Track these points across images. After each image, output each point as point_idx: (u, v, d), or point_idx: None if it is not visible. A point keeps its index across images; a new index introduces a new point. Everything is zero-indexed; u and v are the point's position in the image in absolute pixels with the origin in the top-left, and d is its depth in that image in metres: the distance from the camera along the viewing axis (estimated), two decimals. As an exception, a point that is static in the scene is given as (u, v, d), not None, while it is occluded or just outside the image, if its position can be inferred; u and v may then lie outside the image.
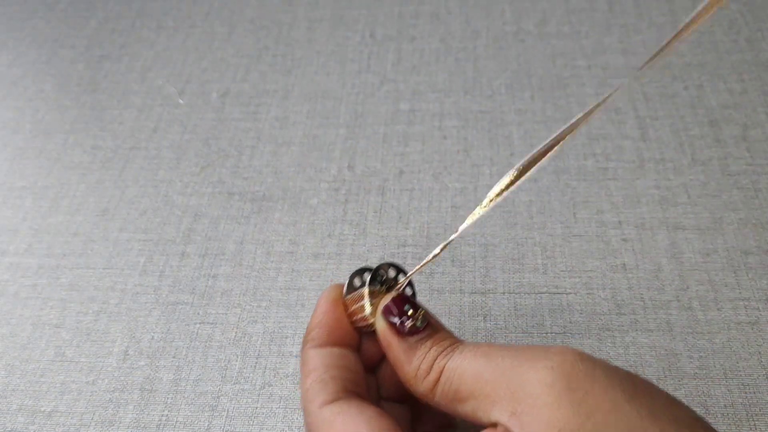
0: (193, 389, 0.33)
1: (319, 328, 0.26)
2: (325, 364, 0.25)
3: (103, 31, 0.57)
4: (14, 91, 0.52)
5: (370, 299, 0.26)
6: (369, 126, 0.46)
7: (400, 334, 0.24)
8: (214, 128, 0.47)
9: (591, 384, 0.20)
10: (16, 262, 0.40)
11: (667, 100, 0.45)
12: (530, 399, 0.20)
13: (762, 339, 0.33)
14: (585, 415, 0.19)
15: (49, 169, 0.46)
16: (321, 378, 0.24)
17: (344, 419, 0.23)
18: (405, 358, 0.24)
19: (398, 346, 0.24)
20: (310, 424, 0.24)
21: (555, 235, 0.38)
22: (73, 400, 0.34)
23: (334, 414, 0.23)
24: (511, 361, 0.21)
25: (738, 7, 0.51)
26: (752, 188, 0.39)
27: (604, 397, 0.19)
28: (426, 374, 0.23)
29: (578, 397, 0.19)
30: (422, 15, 0.54)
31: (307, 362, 0.25)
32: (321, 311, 0.27)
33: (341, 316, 0.27)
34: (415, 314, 0.25)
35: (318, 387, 0.24)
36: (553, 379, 0.20)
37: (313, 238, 0.40)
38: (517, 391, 0.20)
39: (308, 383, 0.24)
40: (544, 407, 0.19)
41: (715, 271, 0.36)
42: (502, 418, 0.20)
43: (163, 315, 0.37)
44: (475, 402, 0.22)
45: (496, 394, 0.21)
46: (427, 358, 0.24)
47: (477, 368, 0.22)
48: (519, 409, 0.20)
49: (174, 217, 0.42)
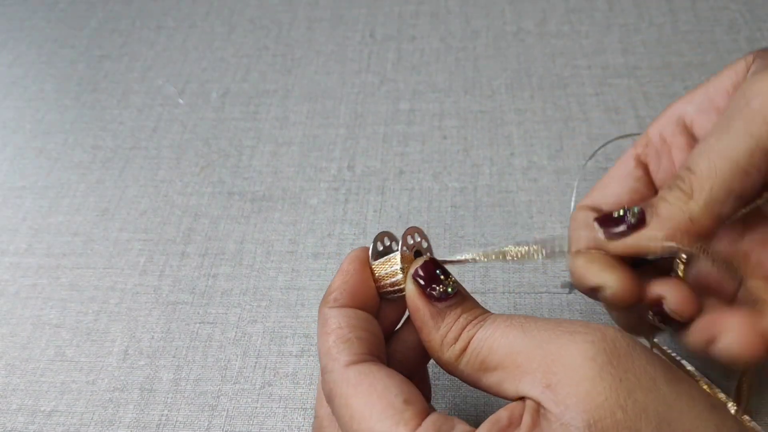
0: (193, 389, 0.33)
1: (342, 289, 0.25)
2: (350, 324, 0.24)
3: (103, 31, 0.57)
4: (14, 91, 0.52)
5: (402, 265, 0.25)
6: (369, 126, 0.46)
7: (429, 299, 0.24)
8: (214, 128, 0.47)
9: (632, 362, 0.19)
10: (16, 262, 0.40)
11: (667, 100, 0.45)
12: (570, 371, 0.19)
13: (762, 338, 0.33)
14: (626, 392, 0.19)
15: (49, 169, 0.46)
16: (346, 337, 0.23)
17: (372, 381, 0.22)
18: (433, 324, 0.23)
19: (427, 311, 0.23)
20: (331, 382, 0.23)
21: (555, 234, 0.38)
22: (73, 400, 0.34)
23: (361, 375, 0.22)
24: (548, 334, 0.21)
25: (738, 7, 0.51)
26: (752, 188, 0.39)
27: (645, 376, 0.19)
28: (453, 342, 0.23)
29: (619, 374, 0.19)
30: (422, 15, 0.54)
31: (328, 321, 0.24)
32: (347, 270, 0.26)
33: (368, 279, 0.26)
34: (446, 280, 0.24)
35: (343, 346, 0.23)
36: (594, 353, 0.19)
37: (313, 238, 0.40)
38: (554, 363, 0.20)
39: (331, 341, 0.23)
40: (585, 380, 0.19)
41: (715, 271, 0.36)
42: (534, 391, 0.20)
43: (163, 315, 0.37)
44: (504, 373, 0.21)
45: (528, 366, 0.20)
46: (455, 326, 0.23)
47: (510, 339, 0.21)
48: (555, 380, 0.19)
49: (174, 216, 0.42)
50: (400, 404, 0.21)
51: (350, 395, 0.22)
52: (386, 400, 0.21)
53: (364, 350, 0.23)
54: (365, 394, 0.21)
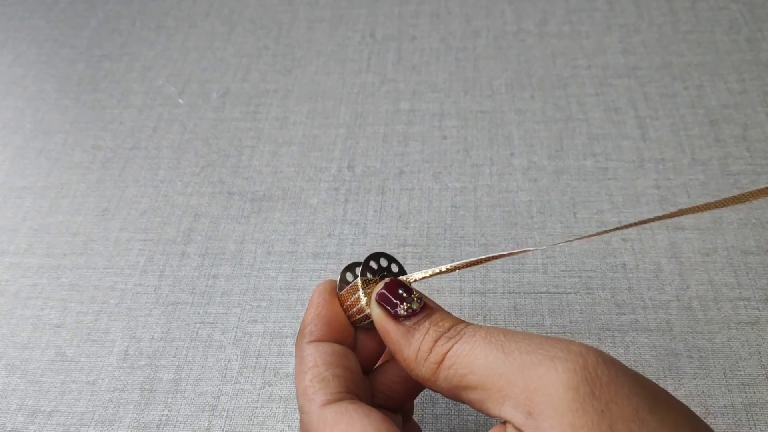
0: (193, 389, 0.33)
1: (315, 321, 0.25)
2: (325, 361, 0.24)
3: (103, 31, 0.57)
4: (14, 91, 0.52)
5: (364, 289, 0.25)
6: (369, 126, 0.46)
7: (396, 319, 0.23)
8: (214, 128, 0.47)
9: (615, 391, 0.19)
10: (17, 262, 0.40)
11: (667, 100, 0.45)
12: (552, 401, 0.19)
13: (762, 339, 0.33)
14: (608, 424, 0.18)
15: (49, 169, 0.46)
16: (322, 375, 0.23)
17: (349, 421, 0.21)
18: (404, 342, 0.23)
19: (396, 331, 0.23)
20: (307, 423, 0.23)
21: (555, 234, 0.38)
22: (74, 400, 0.34)
23: (338, 415, 0.22)
24: (530, 358, 0.20)
25: (738, 7, 0.51)
26: (752, 188, 0.39)
27: (628, 407, 0.19)
28: (426, 355, 0.22)
29: (601, 406, 0.19)
30: (422, 15, 0.54)
31: (304, 358, 0.24)
32: (316, 304, 0.26)
33: (337, 310, 0.26)
34: (409, 296, 0.24)
35: (318, 385, 0.23)
36: (577, 383, 0.19)
37: (313, 238, 0.40)
38: (536, 392, 0.19)
39: (307, 380, 0.23)
40: (567, 412, 0.19)
41: (715, 271, 0.36)
42: (516, 418, 0.20)
43: (164, 315, 0.37)
44: (485, 393, 0.21)
45: (510, 391, 0.20)
46: (426, 339, 0.23)
47: (490, 360, 0.21)
48: (537, 410, 0.19)
49: (174, 216, 0.42)
50: None
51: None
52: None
53: (340, 388, 0.23)
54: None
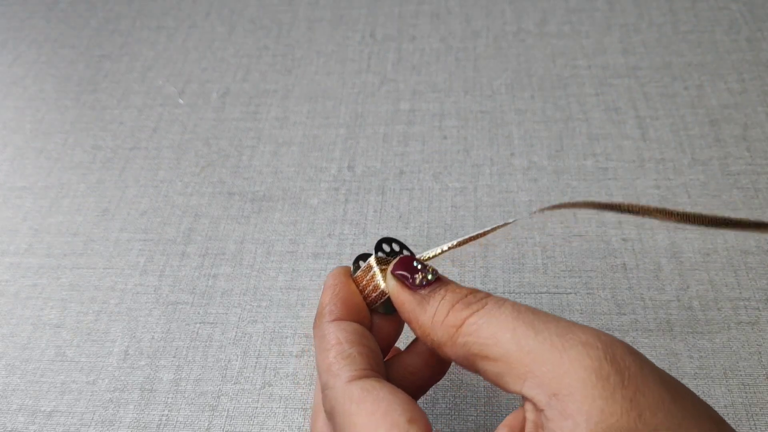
0: (194, 389, 0.33)
1: (335, 301, 0.25)
2: (348, 339, 0.24)
3: (103, 31, 0.57)
4: (14, 91, 0.52)
5: (379, 266, 0.26)
6: (369, 126, 0.46)
7: (411, 288, 0.24)
8: (214, 128, 0.47)
9: (642, 382, 0.19)
10: (17, 262, 0.40)
11: (667, 100, 0.45)
12: (582, 386, 0.19)
13: (762, 339, 0.33)
14: (636, 413, 0.19)
15: (49, 169, 0.46)
16: (346, 353, 0.23)
17: (376, 398, 0.21)
18: (419, 309, 0.23)
19: (412, 300, 0.23)
20: (332, 399, 0.22)
21: (555, 234, 0.38)
22: (74, 400, 0.34)
23: (364, 391, 0.22)
24: (561, 341, 0.20)
25: (738, 7, 0.51)
26: (752, 188, 0.39)
27: (654, 397, 0.19)
28: (443, 318, 0.22)
29: (630, 395, 0.19)
30: (422, 15, 0.54)
31: (326, 337, 0.24)
32: (333, 285, 0.26)
33: (354, 291, 0.26)
34: (424, 269, 0.24)
35: (344, 362, 0.23)
36: (608, 373, 0.19)
37: (313, 238, 0.40)
38: (566, 375, 0.19)
39: (331, 357, 0.23)
40: (598, 398, 0.19)
41: (715, 271, 0.36)
42: (539, 397, 0.20)
43: (164, 315, 0.37)
44: (507, 367, 0.21)
45: (537, 369, 0.20)
46: (443, 303, 0.23)
47: (518, 335, 0.21)
48: (565, 392, 0.19)
49: (174, 217, 0.42)
50: (404, 423, 0.20)
51: (353, 413, 0.21)
52: (390, 418, 0.21)
53: (365, 365, 0.23)
54: (369, 412, 0.21)
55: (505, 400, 0.32)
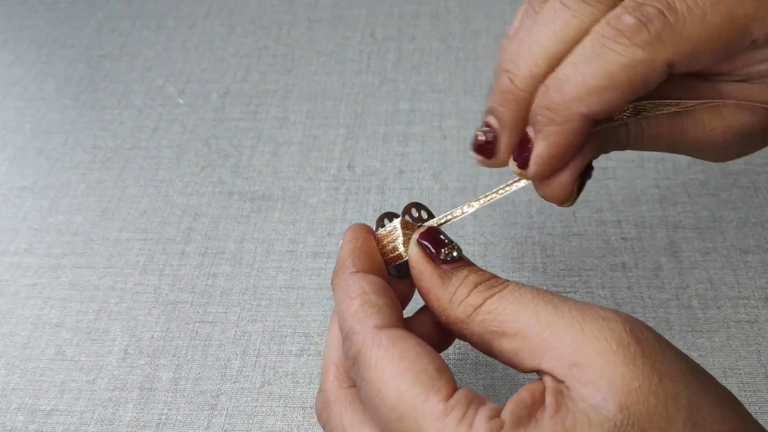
0: (193, 388, 0.33)
1: (357, 254, 0.24)
2: (374, 290, 0.23)
3: (103, 31, 0.57)
4: (14, 91, 0.52)
5: (404, 230, 0.25)
6: (369, 126, 0.46)
7: (434, 261, 0.23)
8: (214, 128, 0.47)
9: (661, 352, 0.20)
10: (17, 262, 0.40)
11: (667, 100, 0.45)
12: (603, 354, 0.19)
13: (761, 337, 0.33)
14: (658, 380, 0.19)
15: (49, 169, 0.46)
16: (373, 302, 0.22)
17: (404, 347, 0.21)
18: (439, 284, 0.23)
19: (432, 273, 0.23)
20: (358, 344, 0.22)
21: (554, 234, 0.38)
22: (73, 399, 0.34)
23: (393, 339, 0.21)
24: (581, 314, 0.20)
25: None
26: (751, 187, 0.40)
27: (673, 366, 0.19)
28: (464, 298, 0.22)
29: (650, 363, 0.19)
30: (422, 15, 0.55)
31: (349, 287, 0.23)
32: (353, 239, 0.25)
33: (375, 246, 0.25)
34: (450, 244, 0.24)
35: (371, 310, 0.22)
36: (629, 342, 0.19)
37: (312, 237, 0.40)
38: (586, 344, 0.20)
39: (357, 305, 0.22)
40: (620, 365, 0.19)
41: (714, 270, 0.36)
42: (558, 368, 0.20)
43: (163, 314, 0.37)
44: (524, 342, 0.21)
45: (555, 342, 0.20)
46: (465, 283, 0.22)
47: (539, 311, 0.21)
48: (586, 361, 0.19)
49: (174, 216, 0.42)
50: (432, 372, 0.20)
51: (381, 357, 0.21)
52: (419, 366, 0.20)
53: (392, 317, 0.22)
54: (397, 359, 0.21)
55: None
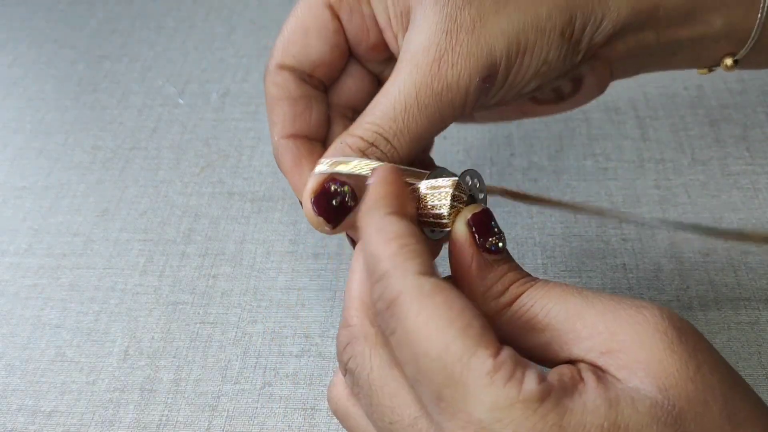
0: (194, 389, 0.33)
1: (392, 196, 0.22)
2: (412, 234, 0.21)
3: (103, 31, 0.57)
4: (14, 91, 0.52)
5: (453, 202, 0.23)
6: (369, 126, 0.46)
7: (480, 247, 0.22)
8: (214, 128, 0.47)
9: (698, 340, 0.19)
10: (17, 262, 0.40)
11: (667, 100, 0.45)
12: (639, 339, 0.19)
13: (762, 339, 0.33)
14: (695, 367, 0.18)
15: (49, 169, 0.46)
16: (412, 247, 0.20)
17: (449, 297, 0.19)
18: (477, 273, 0.22)
19: (475, 260, 0.22)
20: (396, 289, 0.20)
21: (555, 234, 0.38)
22: (74, 400, 0.34)
23: (436, 288, 0.19)
24: (614, 304, 0.20)
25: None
26: (752, 188, 0.40)
27: (709, 356, 0.19)
28: (498, 296, 0.22)
29: (689, 350, 0.19)
30: (422, 15, 0.54)
31: (385, 227, 0.21)
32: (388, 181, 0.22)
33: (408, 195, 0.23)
34: (499, 234, 0.22)
35: (411, 254, 0.20)
36: (665, 328, 0.19)
37: (313, 238, 0.40)
38: (620, 331, 0.19)
39: (394, 247, 0.20)
40: (657, 350, 0.19)
41: (714, 271, 0.36)
42: (591, 355, 0.19)
43: (164, 315, 0.37)
44: (556, 334, 0.20)
45: (588, 331, 0.20)
46: (504, 279, 0.22)
47: (569, 302, 0.21)
48: (619, 347, 0.19)
49: (174, 217, 0.42)
50: (479, 326, 0.19)
51: (424, 305, 0.19)
52: (466, 319, 0.19)
53: (433, 264, 0.21)
54: (443, 308, 0.19)
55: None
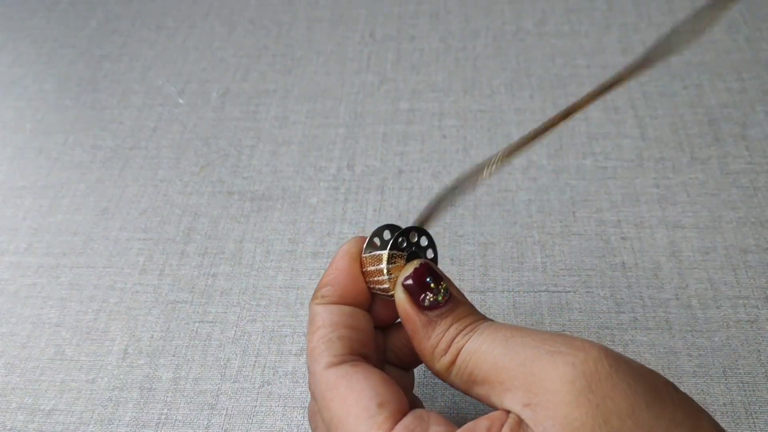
0: (193, 388, 0.33)
1: (331, 285, 0.25)
2: (333, 323, 0.24)
3: (103, 31, 0.57)
4: (14, 91, 0.52)
5: (389, 265, 0.24)
6: (368, 125, 0.46)
7: (419, 308, 0.23)
8: (214, 128, 0.47)
9: (612, 386, 0.19)
10: (16, 261, 0.40)
11: (667, 99, 0.45)
12: (548, 394, 0.19)
13: (761, 337, 0.33)
14: (602, 419, 0.18)
15: (49, 169, 0.46)
16: (328, 337, 0.24)
17: (348, 384, 0.22)
18: (423, 333, 0.23)
19: (417, 321, 0.23)
20: (313, 384, 0.23)
21: (554, 233, 0.38)
22: (73, 399, 0.34)
23: (338, 377, 0.22)
24: (533, 351, 0.20)
25: (738, 7, 0.51)
26: (751, 187, 0.40)
27: (624, 402, 0.19)
28: (443, 353, 0.23)
29: (597, 400, 0.19)
30: (422, 15, 0.54)
31: (314, 319, 0.24)
32: (336, 267, 0.25)
33: (357, 275, 0.25)
34: (436, 287, 0.23)
35: (323, 347, 0.23)
36: (574, 377, 0.19)
37: (312, 237, 0.40)
38: (535, 383, 0.20)
39: (314, 342, 0.24)
40: (562, 404, 0.19)
41: (714, 270, 0.36)
42: (515, 407, 0.20)
43: (163, 314, 0.37)
44: (489, 387, 0.21)
45: (510, 383, 0.20)
46: (446, 337, 0.23)
47: (494, 354, 0.21)
48: (534, 401, 0.20)
49: (174, 216, 0.42)
50: (374, 408, 0.21)
51: (328, 398, 0.22)
52: (361, 403, 0.21)
53: (345, 350, 0.23)
54: (342, 398, 0.22)
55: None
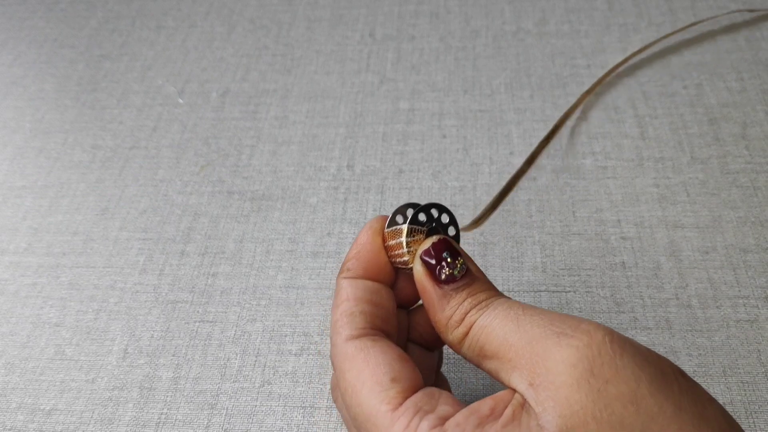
0: (193, 387, 0.33)
1: (356, 259, 0.25)
2: (356, 297, 0.24)
3: (103, 31, 0.57)
4: (14, 90, 0.52)
5: (408, 239, 0.25)
6: (368, 125, 0.46)
7: (436, 281, 0.24)
8: (214, 127, 0.47)
9: (614, 372, 0.19)
10: (16, 261, 0.40)
11: (666, 99, 0.45)
12: (550, 375, 0.19)
13: (761, 337, 0.33)
14: (602, 404, 0.18)
15: (49, 169, 0.46)
16: (350, 311, 0.24)
17: (365, 357, 0.23)
18: (438, 306, 0.23)
19: (433, 293, 0.24)
20: (334, 356, 0.24)
21: (554, 233, 0.38)
22: (73, 399, 0.34)
23: (357, 350, 0.23)
24: (540, 331, 0.21)
25: (737, 7, 0.51)
26: (751, 186, 0.40)
27: (626, 388, 0.19)
28: (456, 325, 0.23)
29: (598, 385, 0.19)
30: (422, 14, 0.54)
31: (339, 293, 0.25)
32: (360, 242, 0.26)
33: (379, 249, 0.26)
34: (453, 262, 0.24)
35: (346, 320, 0.24)
36: (576, 360, 0.19)
37: (312, 237, 0.40)
38: (538, 364, 0.20)
39: (337, 314, 0.24)
40: (563, 387, 0.19)
41: (714, 269, 0.36)
42: (521, 386, 0.20)
43: (163, 313, 0.37)
44: (498, 363, 0.22)
45: (517, 361, 0.21)
46: (459, 310, 0.23)
47: (505, 331, 0.22)
48: (537, 381, 0.20)
49: (174, 216, 0.42)
50: (387, 382, 0.22)
51: (346, 369, 0.23)
52: (375, 377, 0.22)
53: (365, 324, 0.24)
54: (358, 370, 0.22)
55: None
